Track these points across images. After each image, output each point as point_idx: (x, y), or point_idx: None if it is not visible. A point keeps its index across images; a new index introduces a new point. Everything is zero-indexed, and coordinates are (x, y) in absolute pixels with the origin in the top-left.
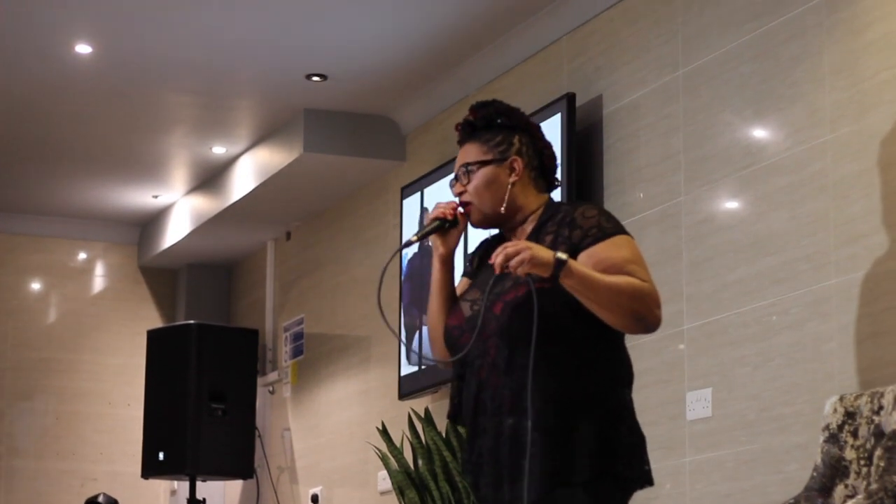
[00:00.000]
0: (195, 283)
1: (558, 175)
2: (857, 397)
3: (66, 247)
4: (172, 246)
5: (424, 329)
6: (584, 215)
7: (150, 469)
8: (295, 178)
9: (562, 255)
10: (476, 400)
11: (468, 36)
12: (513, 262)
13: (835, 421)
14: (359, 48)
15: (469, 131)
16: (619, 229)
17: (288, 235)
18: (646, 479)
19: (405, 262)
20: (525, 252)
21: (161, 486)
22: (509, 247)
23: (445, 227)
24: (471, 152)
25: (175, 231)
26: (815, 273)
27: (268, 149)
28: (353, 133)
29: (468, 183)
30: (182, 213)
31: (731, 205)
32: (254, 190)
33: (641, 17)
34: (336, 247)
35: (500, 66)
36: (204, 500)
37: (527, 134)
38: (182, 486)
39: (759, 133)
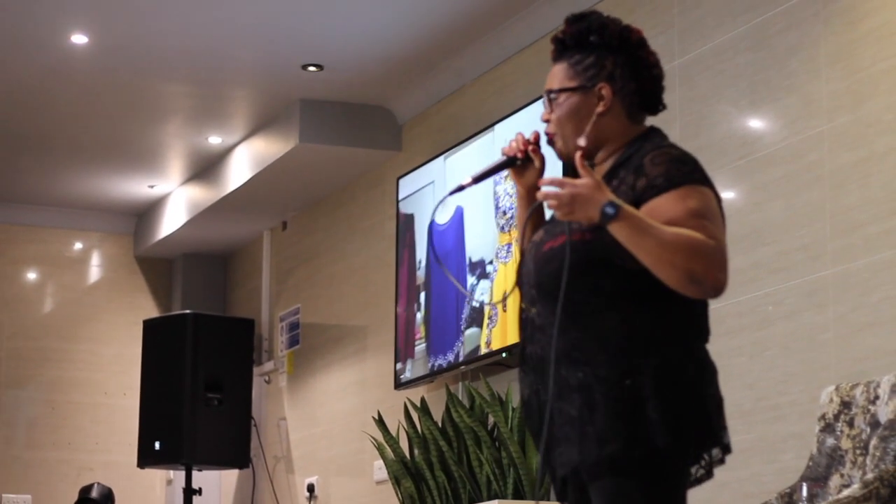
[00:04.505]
0: (191, 272)
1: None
2: (852, 387)
3: (62, 237)
4: (168, 236)
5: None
6: (654, 161)
7: (146, 458)
8: (291, 168)
9: (611, 206)
10: (522, 351)
11: (464, 26)
12: (551, 203)
13: (831, 410)
14: (355, 38)
15: (560, 49)
16: (689, 178)
17: (284, 225)
18: (698, 457)
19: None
20: (566, 192)
21: (157, 475)
22: (554, 182)
23: (517, 164)
24: (556, 76)
25: (171, 221)
26: (811, 263)
27: (264, 139)
28: (349, 123)
29: (552, 112)
30: (178, 203)
31: (728, 195)
32: (250, 180)
33: (637, 7)
34: (332, 237)
35: (496, 55)
36: (200, 489)
37: (623, 53)
38: (178, 476)
39: (756, 123)
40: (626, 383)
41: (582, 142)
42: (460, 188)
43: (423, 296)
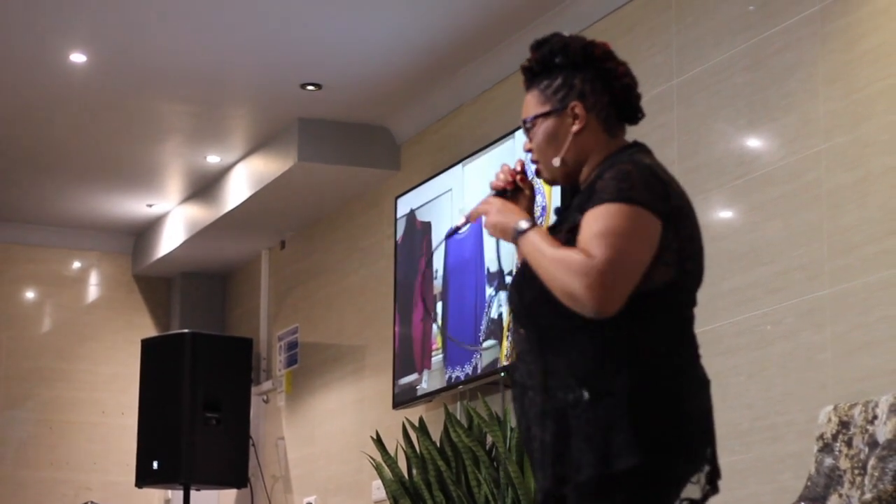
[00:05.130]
0: (189, 292)
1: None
2: (851, 407)
3: (61, 256)
4: (167, 255)
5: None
6: (607, 176)
7: (144, 478)
8: (289, 187)
9: (523, 224)
10: (513, 373)
11: (463, 45)
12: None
13: (829, 430)
14: (353, 58)
15: (529, 77)
16: (618, 196)
17: (282, 244)
18: (667, 476)
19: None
20: (489, 213)
21: (155, 495)
22: (480, 205)
23: (507, 196)
24: (529, 105)
25: (169, 240)
26: (809, 283)
27: (262, 158)
28: (347, 142)
29: (532, 140)
30: (176, 223)
31: (726, 214)
32: (248, 199)
33: (635, 27)
34: (330, 256)
35: (494, 75)
36: None
37: (590, 69)
38: (176, 496)
39: (754, 143)
40: (598, 406)
41: (556, 162)
42: (456, 230)
43: (440, 306)
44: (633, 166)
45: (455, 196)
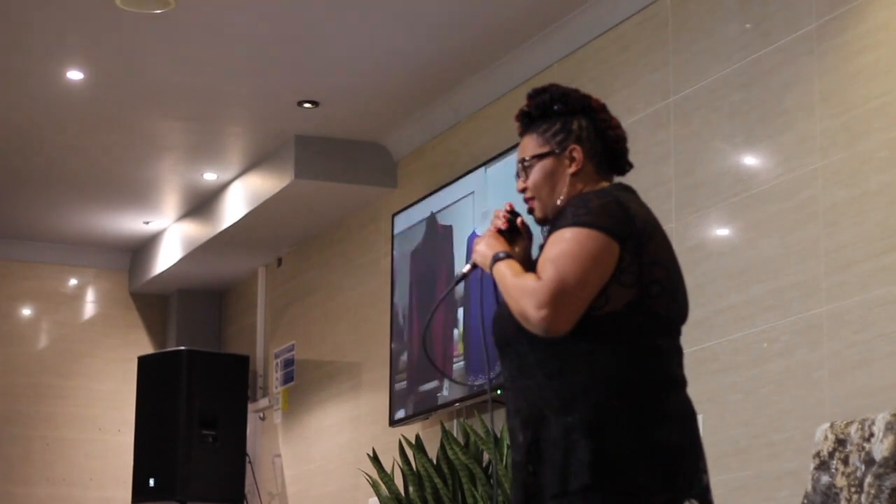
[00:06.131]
0: (186, 309)
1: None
2: (847, 424)
3: (57, 273)
4: (163, 272)
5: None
6: (569, 206)
7: (141, 495)
8: (286, 204)
9: (500, 255)
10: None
11: (459, 63)
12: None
13: (825, 448)
14: (350, 75)
15: (527, 122)
16: (574, 221)
17: (279, 262)
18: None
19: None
20: (479, 243)
21: None
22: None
23: (505, 235)
24: (528, 146)
25: (166, 257)
26: (805, 300)
27: (259, 175)
28: (344, 159)
29: (528, 178)
30: (173, 240)
31: (722, 232)
32: (245, 216)
33: (632, 45)
34: (327, 273)
35: (491, 92)
36: None
37: (587, 117)
38: None
39: (750, 160)
40: (560, 427)
41: (559, 201)
42: (463, 276)
43: (461, 311)
44: (593, 194)
45: (477, 199)
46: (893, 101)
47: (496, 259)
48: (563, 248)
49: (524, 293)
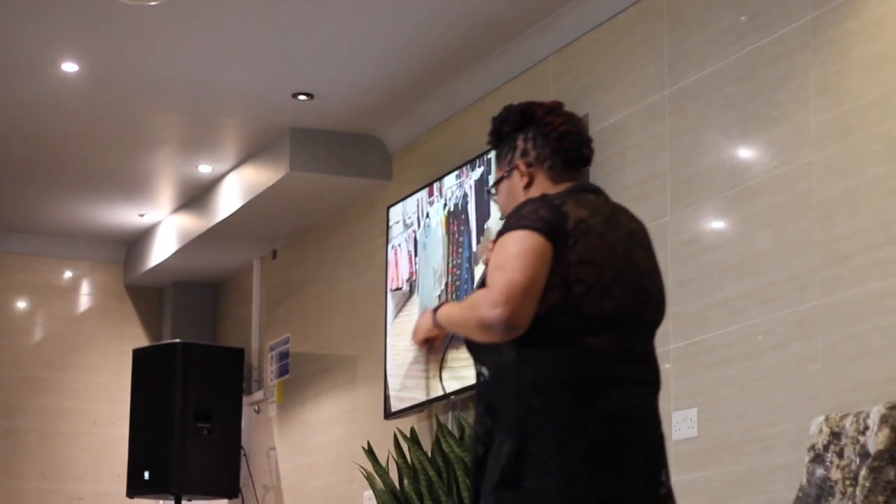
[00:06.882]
0: (181, 301)
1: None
2: (842, 417)
3: (52, 265)
4: (158, 264)
5: None
6: (509, 215)
7: (136, 488)
8: (281, 196)
9: (434, 307)
10: None
11: (455, 55)
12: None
13: (820, 441)
14: (345, 67)
15: (496, 151)
16: (507, 227)
17: (274, 254)
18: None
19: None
20: (415, 334)
21: None
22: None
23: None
24: (495, 175)
25: (161, 250)
26: (800, 293)
27: (254, 167)
28: (339, 152)
29: (499, 203)
30: (168, 232)
31: (717, 225)
32: (240, 209)
33: (627, 37)
34: (322, 266)
35: (486, 85)
36: None
37: (531, 128)
38: None
39: (745, 153)
40: (497, 428)
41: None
42: (430, 349)
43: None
44: (529, 201)
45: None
46: (888, 95)
47: (435, 310)
48: (503, 252)
49: (475, 305)
